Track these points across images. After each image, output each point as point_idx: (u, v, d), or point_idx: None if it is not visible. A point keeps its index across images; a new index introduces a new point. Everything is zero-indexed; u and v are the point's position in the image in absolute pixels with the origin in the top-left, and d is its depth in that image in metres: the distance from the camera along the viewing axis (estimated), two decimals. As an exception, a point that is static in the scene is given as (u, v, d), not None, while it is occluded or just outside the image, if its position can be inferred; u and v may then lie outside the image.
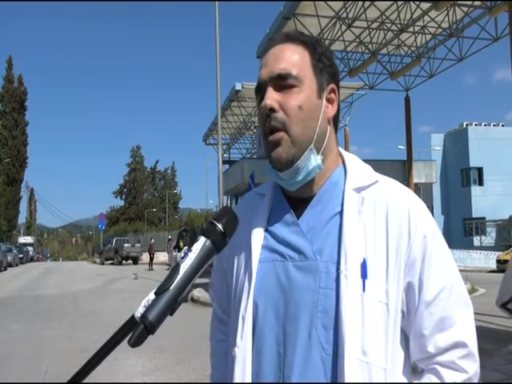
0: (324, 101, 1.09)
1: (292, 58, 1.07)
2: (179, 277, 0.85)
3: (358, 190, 1.06)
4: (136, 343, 0.80)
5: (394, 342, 1.00)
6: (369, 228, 1.02)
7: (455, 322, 1.01)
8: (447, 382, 0.99)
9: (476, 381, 1.02)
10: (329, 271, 1.01)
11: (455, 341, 1.00)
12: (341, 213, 1.05)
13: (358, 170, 1.11)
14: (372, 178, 1.09)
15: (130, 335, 0.80)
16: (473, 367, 1.01)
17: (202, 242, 0.89)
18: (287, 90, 1.05)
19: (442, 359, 1.00)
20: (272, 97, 1.04)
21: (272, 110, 1.03)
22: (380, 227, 1.02)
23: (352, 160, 1.14)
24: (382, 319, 0.99)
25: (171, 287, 0.83)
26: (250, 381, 1.04)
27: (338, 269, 1.00)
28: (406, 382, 1.02)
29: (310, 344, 0.99)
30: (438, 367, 1.00)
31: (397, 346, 1.01)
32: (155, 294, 0.84)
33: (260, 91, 1.09)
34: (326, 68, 1.10)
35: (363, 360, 0.96)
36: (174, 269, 0.86)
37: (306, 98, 1.05)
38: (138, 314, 0.82)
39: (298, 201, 1.11)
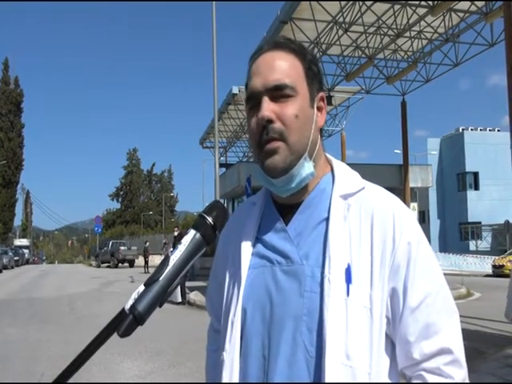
0: (315, 109, 1.11)
1: (286, 67, 1.07)
2: (168, 268, 0.86)
3: (345, 196, 1.08)
4: (125, 333, 0.81)
5: (378, 348, 1.00)
6: (354, 234, 1.04)
7: (440, 328, 1.01)
8: None
9: None
10: (314, 275, 1.02)
11: (440, 347, 1.00)
12: (327, 219, 1.06)
13: (345, 176, 1.12)
14: (359, 184, 1.10)
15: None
16: (459, 373, 1.01)
17: (191, 234, 0.90)
18: (283, 100, 1.05)
19: (427, 366, 1.01)
20: (269, 108, 1.04)
21: (269, 121, 1.03)
22: (365, 233, 1.04)
23: (340, 167, 1.15)
24: (366, 324, 0.99)
25: (160, 278, 0.85)
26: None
27: (322, 273, 1.01)
28: (388, 382, 1.02)
29: (294, 346, 1.00)
30: (424, 373, 1.01)
31: (382, 352, 1.01)
32: (144, 285, 0.85)
33: (252, 100, 1.08)
34: (316, 76, 1.12)
35: (347, 364, 0.96)
36: (164, 261, 0.88)
37: (301, 107, 1.06)
38: (127, 307, 0.83)
39: (287, 207, 1.12)
